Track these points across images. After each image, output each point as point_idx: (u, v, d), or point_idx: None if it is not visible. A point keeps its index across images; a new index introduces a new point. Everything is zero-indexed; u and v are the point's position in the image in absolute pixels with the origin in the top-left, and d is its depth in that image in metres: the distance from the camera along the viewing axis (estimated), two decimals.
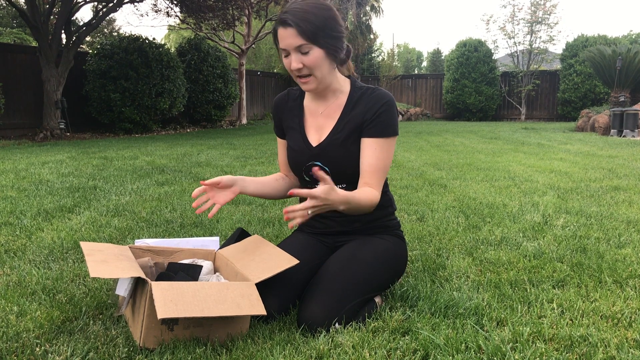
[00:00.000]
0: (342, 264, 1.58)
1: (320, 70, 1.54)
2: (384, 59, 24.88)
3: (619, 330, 1.46)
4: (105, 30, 23.54)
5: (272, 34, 1.57)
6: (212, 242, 1.92)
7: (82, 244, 1.54)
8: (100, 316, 1.54)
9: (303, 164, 1.69)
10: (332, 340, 1.37)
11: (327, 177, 1.34)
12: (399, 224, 1.82)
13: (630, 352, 1.33)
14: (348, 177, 1.65)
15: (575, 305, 1.63)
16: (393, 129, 1.61)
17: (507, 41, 24.59)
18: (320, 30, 1.48)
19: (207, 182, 1.59)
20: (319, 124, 1.69)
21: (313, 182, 1.71)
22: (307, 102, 1.73)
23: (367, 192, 1.55)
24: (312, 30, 1.47)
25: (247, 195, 3.51)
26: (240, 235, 1.82)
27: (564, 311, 1.59)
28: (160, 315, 1.20)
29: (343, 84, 1.68)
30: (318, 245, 1.76)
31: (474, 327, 1.46)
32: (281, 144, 1.84)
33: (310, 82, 1.57)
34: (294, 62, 1.52)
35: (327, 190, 1.34)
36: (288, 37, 1.49)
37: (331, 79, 1.62)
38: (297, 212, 1.33)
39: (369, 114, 1.60)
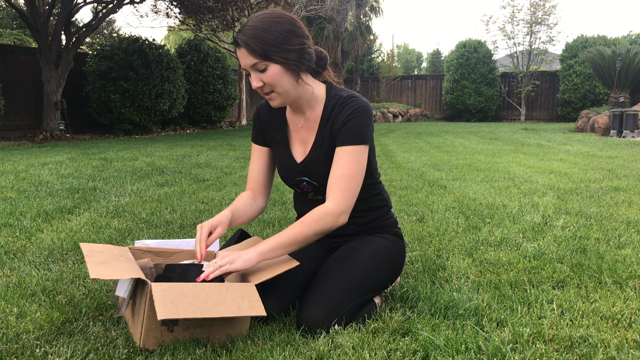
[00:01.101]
0: (341, 264, 1.58)
1: (281, 86, 1.49)
2: (383, 59, 24.91)
3: (619, 331, 1.46)
4: (105, 31, 23.56)
5: None
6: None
7: (82, 245, 1.54)
8: (100, 317, 1.54)
9: (292, 178, 1.69)
10: (332, 341, 1.37)
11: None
12: (396, 222, 1.82)
13: (630, 352, 1.33)
14: None
15: (575, 306, 1.63)
16: (361, 137, 1.54)
17: (506, 42, 24.63)
18: (272, 46, 1.43)
19: (208, 242, 1.54)
20: (302, 137, 1.66)
21: (304, 194, 1.71)
22: (289, 115, 1.70)
23: (307, 217, 1.51)
24: (263, 47, 1.43)
25: None
26: (241, 236, 1.82)
27: (564, 312, 1.59)
28: (161, 316, 1.20)
29: (318, 93, 1.62)
30: (317, 246, 1.76)
31: (474, 327, 1.46)
32: (258, 152, 1.76)
33: (275, 98, 1.53)
34: (253, 81, 1.49)
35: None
36: (242, 57, 1.47)
37: (298, 92, 1.56)
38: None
39: (339, 123, 1.56)
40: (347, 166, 1.53)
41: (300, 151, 1.67)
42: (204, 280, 1.40)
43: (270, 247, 1.47)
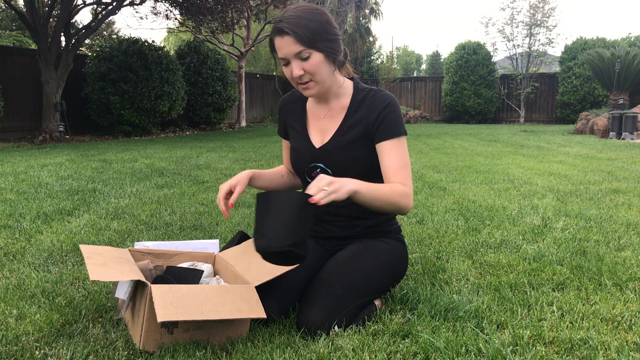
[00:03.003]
0: (341, 266, 1.58)
1: (320, 74, 1.54)
2: (383, 61, 24.91)
3: (619, 333, 1.46)
4: (105, 32, 23.56)
5: (269, 44, 1.57)
6: (211, 245, 1.92)
7: (82, 247, 1.54)
8: (100, 319, 1.54)
9: (305, 165, 1.69)
10: (332, 343, 1.37)
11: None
12: (399, 229, 1.83)
13: (630, 355, 1.33)
14: None
15: (575, 308, 1.63)
16: (402, 129, 1.62)
17: (506, 44, 24.63)
18: (317, 34, 1.49)
19: (232, 201, 1.54)
20: (322, 126, 1.69)
21: None
22: (310, 104, 1.74)
23: (394, 186, 1.55)
24: (309, 35, 1.48)
25: (246, 199, 3.51)
26: (242, 238, 1.82)
27: (564, 314, 1.59)
28: (160, 318, 1.20)
29: (345, 86, 1.69)
30: (317, 248, 1.76)
31: (474, 330, 1.46)
32: (285, 145, 1.87)
33: (312, 88, 1.57)
34: (295, 70, 1.51)
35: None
36: (286, 45, 1.49)
37: (331, 82, 1.62)
38: (314, 189, 1.32)
39: (372, 118, 1.60)
40: (400, 156, 1.60)
41: (318, 138, 1.69)
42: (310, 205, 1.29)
43: (369, 188, 1.46)
